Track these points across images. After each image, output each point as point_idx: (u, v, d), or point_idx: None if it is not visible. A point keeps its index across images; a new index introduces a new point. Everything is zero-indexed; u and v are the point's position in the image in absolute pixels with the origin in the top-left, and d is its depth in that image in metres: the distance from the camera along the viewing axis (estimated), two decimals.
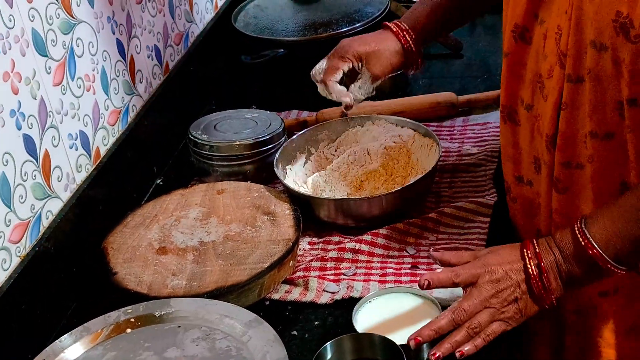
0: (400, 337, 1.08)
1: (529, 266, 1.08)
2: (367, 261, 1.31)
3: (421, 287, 1.10)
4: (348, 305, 1.21)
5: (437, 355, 1.05)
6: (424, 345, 1.08)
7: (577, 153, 1.13)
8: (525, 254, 1.08)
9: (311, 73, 1.43)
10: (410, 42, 1.38)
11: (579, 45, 1.07)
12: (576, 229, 1.06)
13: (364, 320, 1.15)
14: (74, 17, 1.36)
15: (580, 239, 1.05)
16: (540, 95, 1.16)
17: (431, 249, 1.26)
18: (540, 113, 1.17)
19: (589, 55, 1.06)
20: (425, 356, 1.08)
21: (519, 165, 1.26)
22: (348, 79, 1.41)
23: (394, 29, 1.40)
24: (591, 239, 1.04)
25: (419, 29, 1.40)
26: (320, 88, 1.43)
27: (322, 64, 1.42)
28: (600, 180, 1.13)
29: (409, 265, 1.29)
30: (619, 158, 1.10)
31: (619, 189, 1.12)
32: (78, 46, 1.38)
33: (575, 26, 1.07)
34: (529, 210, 1.28)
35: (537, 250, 1.08)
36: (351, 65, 1.39)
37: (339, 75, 1.39)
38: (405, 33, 1.39)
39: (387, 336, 1.08)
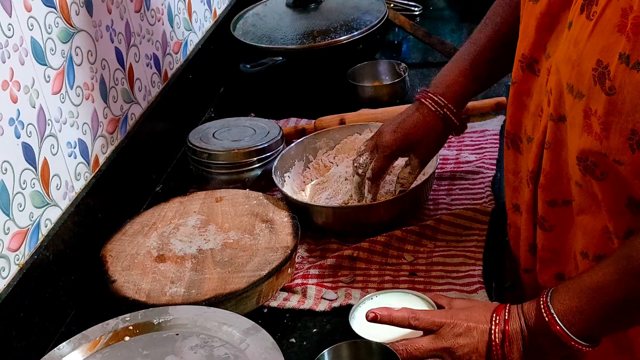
0: (394, 338, 1.08)
1: (493, 331, 1.05)
2: (365, 268, 1.31)
3: (366, 317, 1.09)
4: (346, 312, 1.21)
5: None
6: None
7: (564, 191, 1.10)
8: (494, 318, 1.06)
9: (354, 165, 1.35)
10: (452, 116, 1.30)
11: (560, 85, 1.04)
12: (541, 302, 1.04)
13: (361, 319, 1.15)
14: (72, 26, 1.37)
15: (544, 314, 1.03)
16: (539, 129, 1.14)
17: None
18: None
19: (566, 99, 1.03)
20: None
21: (517, 194, 1.24)
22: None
23: (432, 107, 1.30)
24: (555, 315, 1.02)
25: (457, 98, 1.31)
26: (356, 180, 1.36)
27: (366, 159, 1.34)
28: (584, 218, 1.10)
29: (407, 273, 1.29)
30: (594, 204, 1.07)
31: (604, 229, 1.08)
32: (77, 55, 1.38)
33: (556, 65, 1.05)
34: (518, 240, 1.26)
35: (507, 317, 1.06)
36: (397, 159, 1.34)
37: (386, 175, 1.36)
38: (445, 110, 1.30)
39: (382, 339, 1.08)
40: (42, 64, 1.28)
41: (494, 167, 1.51)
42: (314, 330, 1.21)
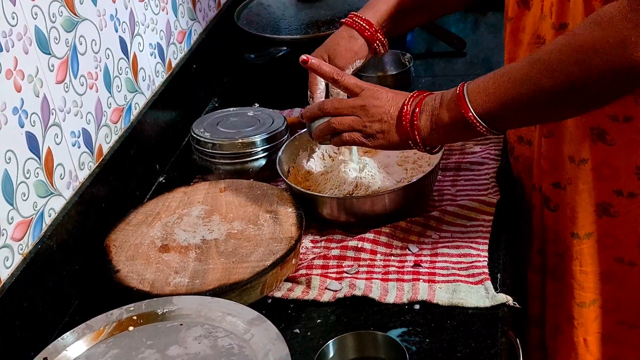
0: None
1: (407, 101, 1.18)
2: (370, 259, 1.31)
3: (300, 60, 1.27)
4: (350, 303, 1.21)
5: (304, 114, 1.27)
6: None
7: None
8: (415, 94, 1.19)
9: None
10: (361, 21, 1.40)
11: None
12: (460, 84, 1.14)
13: None
14: (77, 15, 1.36)
15: (457, 90, 1.13)
16: None
17: None
18: None
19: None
20: None
21: None
22: None
23: (346, 21, 1.42)
24: (465, 91, 1.12)
25: (376, 14, 1.41)
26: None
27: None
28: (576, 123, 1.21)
29: (412, 264, 1.29)
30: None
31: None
32: (81, 44, 1.38)
33: None
34: (529, 169, 1.36)
35: (426, 94, 1.18)
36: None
37: (320, 89, 1.40)
38: (356, 18, 1.41)
39: None
40: (46, 53, 1.27)
41: (499, 157, 1.50)
42: (318, 321, 1.21)
